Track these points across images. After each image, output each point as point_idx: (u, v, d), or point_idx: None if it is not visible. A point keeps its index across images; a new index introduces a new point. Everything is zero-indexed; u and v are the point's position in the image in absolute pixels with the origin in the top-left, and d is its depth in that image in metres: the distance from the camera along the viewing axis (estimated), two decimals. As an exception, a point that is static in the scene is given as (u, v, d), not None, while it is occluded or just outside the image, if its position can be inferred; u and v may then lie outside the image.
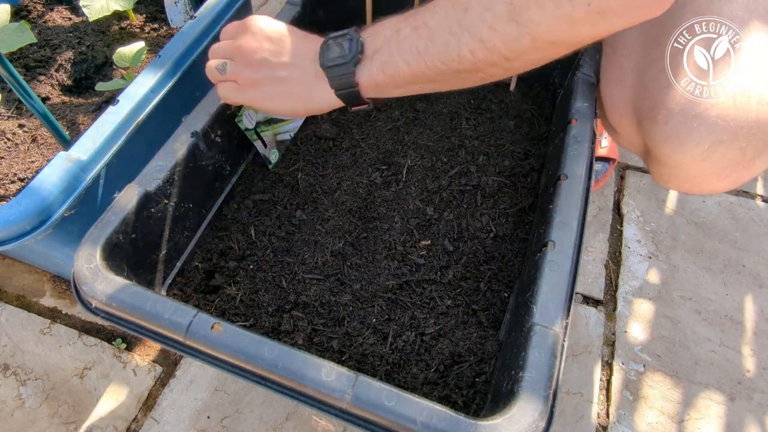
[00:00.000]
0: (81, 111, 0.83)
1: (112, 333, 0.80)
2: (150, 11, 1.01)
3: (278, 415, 0.72)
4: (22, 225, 0.56)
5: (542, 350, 0.44)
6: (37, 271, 0.87)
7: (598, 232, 0.92)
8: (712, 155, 0.52)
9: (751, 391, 0.75)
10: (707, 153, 0.51)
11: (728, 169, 0.53)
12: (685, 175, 0.56)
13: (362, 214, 0.70)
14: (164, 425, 0.72)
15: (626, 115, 0.60)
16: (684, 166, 0.54)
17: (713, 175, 0.54)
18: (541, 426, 0.41)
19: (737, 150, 0.51)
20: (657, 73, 0.54)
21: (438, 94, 0.82)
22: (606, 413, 0.74)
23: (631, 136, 0.62)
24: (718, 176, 0.54)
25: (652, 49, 0.56)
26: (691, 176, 0.56)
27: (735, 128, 0.49)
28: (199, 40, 0.76)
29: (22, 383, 0.75)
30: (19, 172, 0.74)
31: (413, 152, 0.75)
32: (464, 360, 0.58)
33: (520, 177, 0.73)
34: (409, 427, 0.40)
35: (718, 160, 0.52)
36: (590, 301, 0.84)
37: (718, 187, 0.57)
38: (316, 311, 0.61)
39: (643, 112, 0.56)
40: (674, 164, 0.55)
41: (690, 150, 0.52)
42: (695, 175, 0.55)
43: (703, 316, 0.82)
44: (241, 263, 0.65)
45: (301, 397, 0.43)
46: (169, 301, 0.46)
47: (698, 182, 0.56)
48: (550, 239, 0.52)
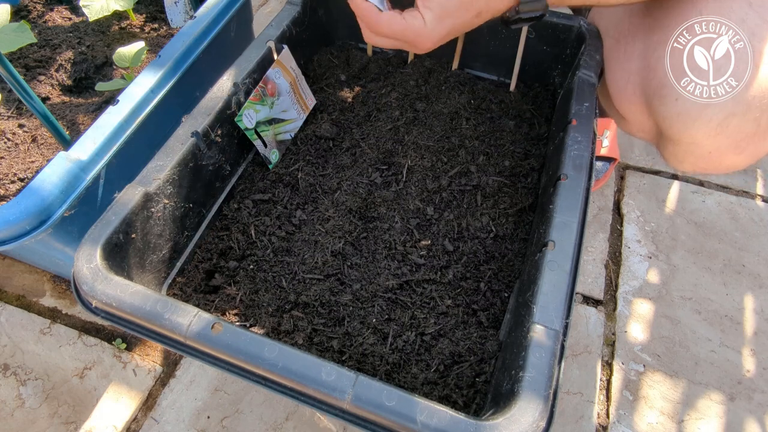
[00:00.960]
0: (81, 111, 0.83)
1: (112, 333, 0.80)
2: (150, 11, 1.01)
3: (278, 415, 0.72)
4: (22, 225, 0.56)
5: (542, 350, 0.44)
6: (37, 271, 0.87)
7: (598, 232, 0.92)
8: (726, 129, 0.51)
9: (751, 391, 0.75)
10: (721, 126, 0.51)
11: (744, 141, 0.52)
12: (701, 152, 0.55)
13: (362, 214, 0.70)
14: (164, 425, 0.72)
15: (635, 98, 0.59)
16: (699, 141, 0.53)
17: (729, 148, 0.53)
18: (541, 426, 0.41)
19: (752, 121, 0.50)
20: (662, 55, 0.53)
21: (438, 94, 0.83)
22: (606, 413, 0.74)
23: (641, 122, 0.61)
24: (734, 149, 0.53)
25: (655, 32, 0.55)
26: (706, 152, 0.55)
27: (748, 99, 0.49)
28: (199, 40, 0.76)
29: (22, 383, 0.75)
30: (19, 172, 0.74)
31: (413, 152, 0.75)
32: (464, 360, 0.58)
33: (520, 177, 0.73)
34: (409, 426, 0.40)
35: (732, 133, 0.51)
36: (590, 301, 0.84)
37: (735, 161, 0.56)
38: (316, 311, 0.61)
39: (652, 92, 0.56)
40: (689, 141, 0.54)
41: (703, 125, 0.51)
42: (710, 150, 0.54)
43: (703, 316, 0.82)
44: (241, 263, 0.65)
45: (301, 397, 0.43)
46: (169, 301, 0.46)
47: (714, 158, 0.55)
48: (550, 239, 0.52)
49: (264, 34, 0.74)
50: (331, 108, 0.81)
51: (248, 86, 0.68)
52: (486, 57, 0.85)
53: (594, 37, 0.71)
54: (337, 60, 0.88)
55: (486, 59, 0.85)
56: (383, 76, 0.86)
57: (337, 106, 0.82)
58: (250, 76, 0.68)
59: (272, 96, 0.71)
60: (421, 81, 0.84)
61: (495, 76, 0.87)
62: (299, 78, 0.76)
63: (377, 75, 0.87)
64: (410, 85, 0.83)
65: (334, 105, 0.82)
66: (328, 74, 0.87)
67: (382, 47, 0.54)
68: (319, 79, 0.86)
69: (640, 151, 1.04)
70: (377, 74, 0.87)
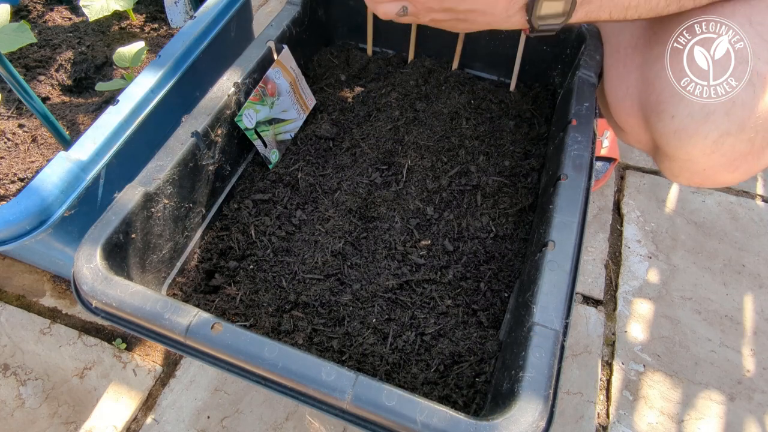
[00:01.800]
0: (81, 111, 0.83)
1: (112, 333, 0.80)
2: (150, 11, 1.01)
3: (278, 415, 0.72)
4: (22, 225, 0.56)
5: (542, 350, 0.44)
6: (37, 271, 0.87)
7: (598, 232, 0.92)
8: (720, 147, 0.52)
9: (751, 391, 0.75)
10: (715, 145, 0.52)
11: (738, 160, 0.53)
12: (696, 168, 0.56)
13: (362, 214, 0.70)
14: (164, 425, 0.72)
15: (632, 112, 0.60)
16: (693, 159, 0.54)
17: (723, 167, 0.54)
18: (541, 426, 0.41)
19: (746, 141, 0.51)
20: (660, 70, 0.54)
21: (438, 94, 0.83)
22: (606, 413, 0.74)
23: (639, 134, 0.62)
24: (727, 168, 0.55)
25: (654, 47, 0.56)
26: (701, 169, 0.56)
27: (742, 120, 0.49)
28: (199, 40, 0.76)
29: (22, 383, 0.75)
30: (19, 172, 0.74)
31: (413, 152, 0.75)
32: (464, 360, 0.58)
33: (520, 177, 0.73)
34: (409, 427, 0.40)
35: (727, 152, 0.52)
36: (590, 301, 0.84)
37: (728, 179, 0.57)
38: (316, 311, 0.61)
39: (650, 108, 0.56)
40: (684, 158, 0.55)
41: (698, 143, 0.52)
42: (705, 168, 0.55)
43: (703, 316, 0.82)
44: (241, 263, 0.65)
45: (301, 397, 0.43)
46: (169, 301, 0.46)
47: (708, 175, 0.57)
48: (550, 239, 0.52)
49: (264, 34, 0.74)
50: (331, 108, 0.81)
51: (248, 86, 0.68)
52: (486, 57, 0.85)
53: (594, 38, 0.71)
54: (337, 60, 0.88)
55: (486, 59, 0.85)
56: (383, 76, 0.86)
57: (337, 106, 0.82)
58: (250, 76, 0.68)
59: (272, 96, 0.71)
60: (421, 81, 0.84)
61: (495, 76, 0.87)
62: (299, 78, 0.76)
63: (377, 75, 0.87)
64: (410, 85, 0.83)
65: (334, 105, 0.82)
66: (328, 74, 0.87)
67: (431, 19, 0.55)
68: (319, 79, 0.86)
69: (640, 151, 1.04)
70: (377, 74, 0.87)
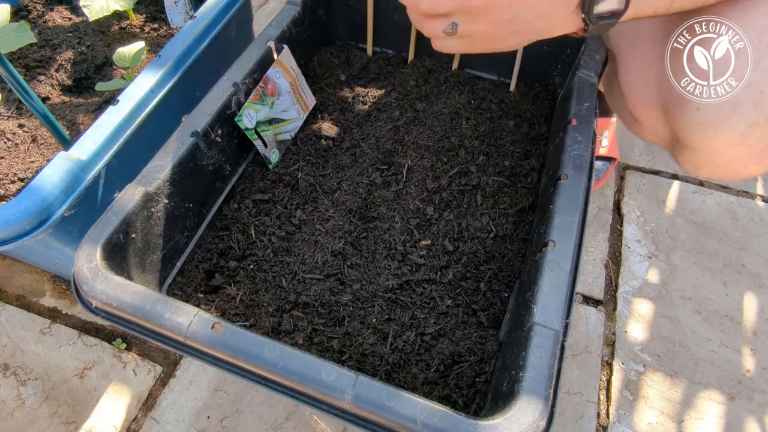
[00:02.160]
0: (81, 111, 0.83)
1: (112, 333, 0.80)
2: (150, 11, 1.01)
3: (278, 415, 0.72)
4: (22, 225, 0.56)
5: (542, 350, 0.44)
6: (37, 271, 0.87)
7: (598, 232, 0.92)
8: (748, 138, 0.51)
9: (751, 391, 0.75)
10: (743, 137, 0.51)
11: (765, 151, 0.52)
12: (721, 161, 0.55)
13: (362, 214, 0.70)
14: (164, 425, 0.72)
15: (651, 104, 0.59)
16: (720, 151, 0.54)
17: (750, 158, 0.54)
18: (541, 426, 0.41)
19: None
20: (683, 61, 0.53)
21: (438, 94, 0.83)
22: (606, 413, 0.74)
23: (656, 126, 0.61)
24: (755, 159, 0.54)
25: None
26: (726, 161, 0.55)
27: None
28: (199, 40, 0.76)
29: (22, 383, 0.75)
30: (19, 172, 0.74)
31: (413, 152, 0.75)
32: (464, 360, 0.58)
33: (520, 177, 0.73)
34: (409, 426, 0.40)
35: (755, 143, 0.51)
36: (590, 301, 0.84)
37: (755, 171, 0.56)
38: (316, 311, 0.61)
39: (672, 99, 0.55)
40: (709, 150, 0.54)
41: (725, 134, 0.51)
42: (731, 160, 0.55)
43: (703, 316, 0.82)
44: (241, 263, 0.65)
45: (302, 397, 0.43)
46: (169, 301, 0.46)
47: (734, 167, 0.56)
48: (550, 239, 0.52)
49: (264, 34, 0.74)
50: (331, 108, 0.81)
51: (248, 86, 0.68)
52: (486, 57, 0.85)
53: (594, 38, 0.71)
54: (337, 60, 0.88)
55: (486, 59, 0.85)
56: (383, 76, 0.86)
57: (337, 106, 0.82)
58: (250, 76, 0.68)
59: (272, 96, 0.71)
60: (421, 81, 0.84)
61: (495, 76, 0.87)
62: (299, 78, 0.76)
63: (377, 75, 0.87)
64: (410, 85, 0.83)
65: (334, 105, 0.82)
66: (328, 74, 0.87)
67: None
68: (319, 79, 0.86)
69: (640, 151, 1.04)
70: (377, 74, 0.87)
